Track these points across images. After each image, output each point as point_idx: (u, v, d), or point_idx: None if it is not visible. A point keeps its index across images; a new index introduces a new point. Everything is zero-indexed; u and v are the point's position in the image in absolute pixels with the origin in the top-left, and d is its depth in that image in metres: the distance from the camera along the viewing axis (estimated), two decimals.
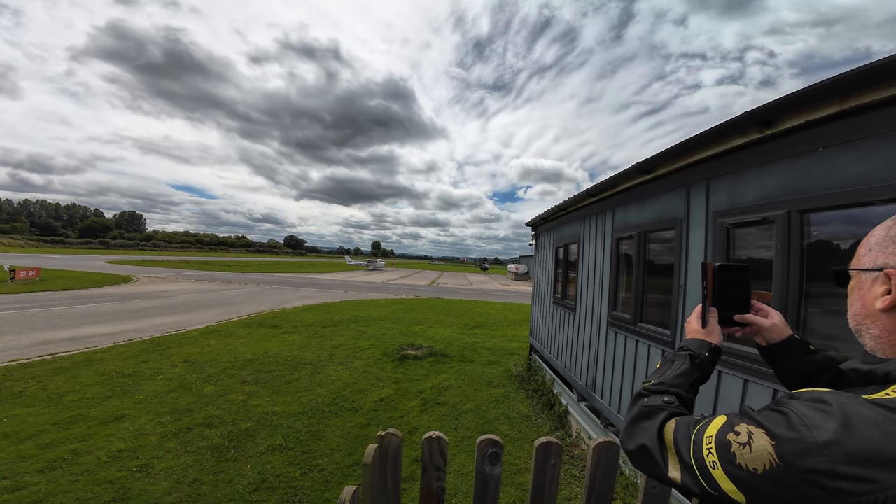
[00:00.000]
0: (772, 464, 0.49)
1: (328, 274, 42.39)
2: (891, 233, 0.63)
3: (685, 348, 0.79)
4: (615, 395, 4.01)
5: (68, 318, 10.73)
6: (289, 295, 20.02)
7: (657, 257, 3.51)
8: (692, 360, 0.76)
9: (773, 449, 0.49)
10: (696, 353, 0.77)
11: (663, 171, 3.15)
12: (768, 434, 0.51)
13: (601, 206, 4.62)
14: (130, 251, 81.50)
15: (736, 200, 2.59)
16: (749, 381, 2.41)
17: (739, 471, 0.52)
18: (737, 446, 0.53)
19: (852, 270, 0.69)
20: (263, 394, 5.90)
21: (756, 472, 0.50)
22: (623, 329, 3.93)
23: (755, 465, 0.50)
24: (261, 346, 8.80)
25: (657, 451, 0.63)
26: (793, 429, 0.49)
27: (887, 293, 0.60)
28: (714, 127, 2.51)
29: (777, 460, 0.49)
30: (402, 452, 1.19)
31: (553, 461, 1.02)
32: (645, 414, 0.69)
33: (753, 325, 0.84)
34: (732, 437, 0.54)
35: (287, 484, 3.65)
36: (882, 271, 0.61)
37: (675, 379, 0.74)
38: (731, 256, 2.63)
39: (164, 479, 3.60)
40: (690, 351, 0.78)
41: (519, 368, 7.77)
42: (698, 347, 0.78)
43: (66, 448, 4.02)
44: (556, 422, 5.32)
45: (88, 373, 6.36)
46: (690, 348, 0.79)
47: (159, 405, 5.27)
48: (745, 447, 0.52)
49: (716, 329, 0.81)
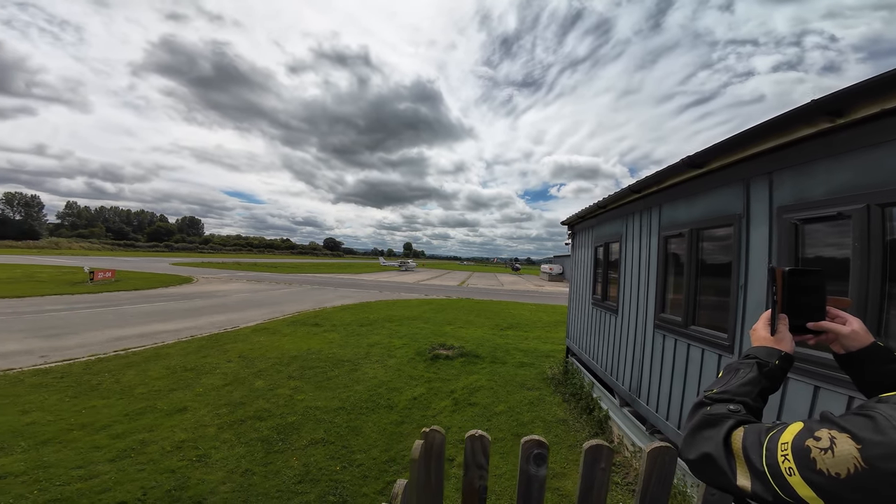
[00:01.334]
0: (856, 468, 0.48)
1: (364, 274, 43.69)
2: None
3: (752, 356, 0.76)
4: (663, 400, 3.79)
5: (139, 316, 11.86)
6: (328, 295, 20.91)
7: (711, 256, 3.28)
8: (760, 368, 0.73)
9: (859, 453, 0.48)
10: (765, 362, 0.73)
11: (717, 165, 2.94)
12: (853, 438, 0.50)
13: (646, 203, 4.39)
14: (190, 253, 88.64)
15: (804, 195, 2.37)
16: (820, 388, 2.19)
17: (819, 476, 0.50)
18: (817, 452, 0.52)
19: None
20: (307, 389, 6.19)
21: (838, 477, 0.49)
22: (672, 332, 3.70)
23: (837, 470, 0.49)
24: (304, 343, 9.26)
25: (723, 459, 0.61)
26: (881, 432, 0.48)
27: None
28: (776, 117, 2.32)
29: (862, 464, 0.48)
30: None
31: (603, 465, 0.98)
32: (708, 422, 0.67)
33: (829, 333, 0.79)
34: (812, 443, 0.53)
35: (328, 477, 3.80)
36: None
37: (742, 387, 0.71)
38: (799, 255, 2.41)
39: (219, 468, 3.83)
40: (758, 359, 0.74)
41: (555, 371, 7.57)
42: (767, 355, 0.74)
43: (134, 438, 4.34)
44: (595, 427, 5.13)
45: (156, 367, 6.94)
46: (758, 356, 0.75)
47: (216, 398, 5.66)
48: (826, 452, 0.51)
49: (787, 337, 0.77)
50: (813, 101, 2.07)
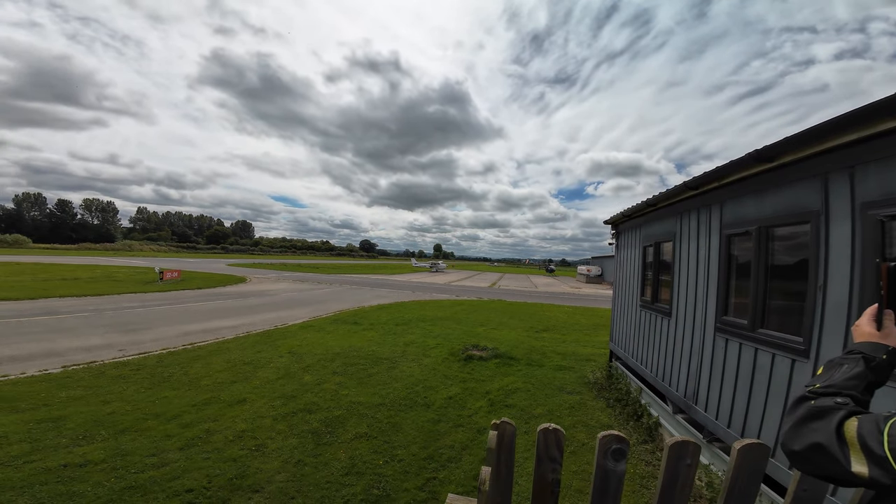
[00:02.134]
0: None
1: (397, 275, 44.56)
2: None
3: (856, 351, 0.76)
4: (724, 407, 3.56)
5: (202, 313, 12.87)
6: (366, 294, 21.60)
7: (783, 255, 3.05)
8: (867, 362, 0.73)
9: None
10: (872, 356, 0.74)
11: (790, 159, 2.73)
12: None
13: (704, 200, 4.15)
14: (243, 255, 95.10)
15: (891, 190, 2.17)
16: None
17: None
18: None
19: None
20: (350, 384, 6.44)
21: None
22: (737, 336, 3.47)
23: None
24: (346, 340, 9.64)
25: (836, 448, 0.63)
26: None
27: None
28: (859, 108, 2.14)
29: None
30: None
31: (689, 461, 0.97)
32: (815, 414, 0.68)
33: None
34: None
35: (372, 471, 3.91)
36: None
37: (848, 381, 0.72)
38: (886, 252, 2.19)
39: (275, 458, 4.03)
40: (864, 354, 0.75)
41: (597, 375, 7.32)
42: (872, 350, 0.75)
43: (201, 427, 4.62)
44: (644, 434, 4.91)
45: (218, 360, 7.46)
46: (864, 351, 0.75)
47: (271, 390, 6.01)
48: None
49: (894, 331, 0.77)
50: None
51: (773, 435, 2.89)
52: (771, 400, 2.98)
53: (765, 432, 3.00)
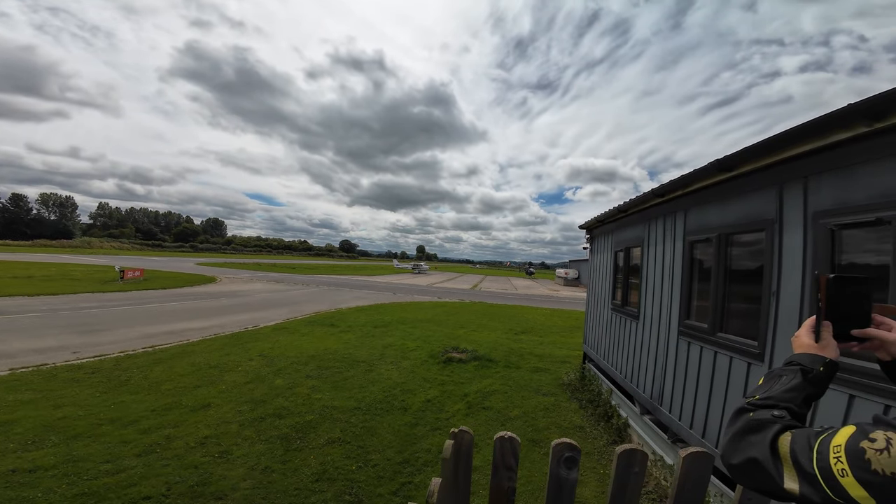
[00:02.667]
0: None
1: (378, 276, 44.11)
2: None
3: (795, 363, 0.76)
4: (686, 408, 3.68)
5: (166, 314, 12.30)
6: (344, 296, 21.22)
7: (741, 262, 3.17)
8: (804, 374, 0.73)
9: None
10: (809, 368, 0.74)
11: (749, 169, 2.85)
12: None
13: (670, 207, 4.29)
14: (214, 254, 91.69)
15: (842, 200, 2.29)
16: (855, 397, 2.11)
17: (874, 476, 0.52)
18: (872, 453, 0.53)
19: None
20: (324, 388, 6.28)
21: (894, 476, 0.51)
22: (698, 339, 3.59)
23: (893, 469, 0.51)
24: (321, 343, 9.42)
25: (770, 463, 0.62)
26: None
27: None
28: (812, 120, 2.25)
29: None
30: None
31: (637, 469, 0.98)
32: (753, 427, 0.68)
33: (875, 340, 0.78)
34: (867, 444, 0.54)
35: (345, 476, 3.83)
36: None
37: (785, 393, 0.71)
38: (835, 261, 2.32)
39: (240, 465, 3.89)
40: (802, 366, 0.75)
41: (571, 377, 7.44)
42: (811, 362, 0.75)
43: (161, 433, 4.43)
44: (613, 434, 5.02)
45: (182, 364, 7.14)
46: (802, 363, 0.75)
47: (238, 395, 5.79)
48: (882, 453, 0.52)
49: (831, 343, 0.77)
50: (850, 104, 2.01)
51: None
52: (729, 402, 3.09)
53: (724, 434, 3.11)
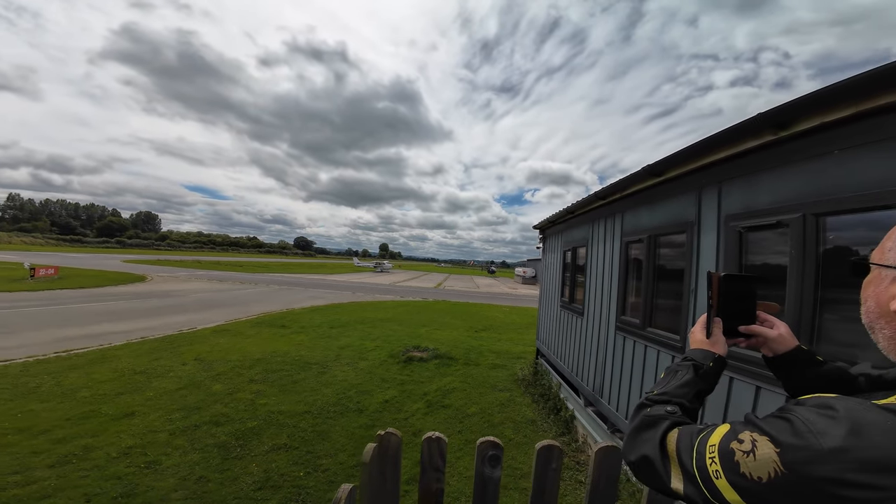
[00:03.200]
0: (777, 472, 0.47)
1: (336, 275, 42.76)
2: None
3: (689, 358, 0.79)
4: (623, 399, 3.94)
5: (85, 316, 11.02)
6: (298, 295, 20.26)
7: (667, 261, 3.45)
8: (696, 370, 0.75)
9: (778, 457, 0.48)
10: (700, 364, 0.76)
11: (674, 174, 3.10)
12: (772, 441, 0.49)
13: (610, 210, 4.56)
14: (146, 251, 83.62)
15: (749, 204, 2.53)
16: (762, 388, 2.35)
17: (743, 480, 0.50)
18: (740, 454, 0.51)
19: (873, 264, 0.64)
20: (270, 393, 5.95)
21: (760, 481, 0.48)
22: (631, 334, 3.86)
23: (759, 474, 0.49)
24: (269, 345, 8.90)
25: (659, 461, 0.61)
26: (798, 436, 0.48)
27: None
28: (726, 129, 2.46)
29: (782, 468, 0.47)
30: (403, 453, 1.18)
31: (554, 465, 1.00)
32: (647, 424, 0.67)
33: (759, 336, 0.83)
34: (736, 446, 0.52)
35: (291, 483, 3.67)
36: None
37: (679, 389, 0.73)
38: (743, 261, 2.57)
39: (171, 475, 3.65)
40: (694, 361, 0.77)
41: (525, 372, 7.69)
42: (702, 358, 0.77)
43: (77, 443, 4.09)
44: (562, 426, 5.25)
45: (102, 369, 6.50)
46: (694, 358, 0.77)
47: (169, 402, 5.36)
48: (748, 455, 0.50)
49: (720, 339, 0.80)
50: (759, 114, 2.20)
51: None
52: None
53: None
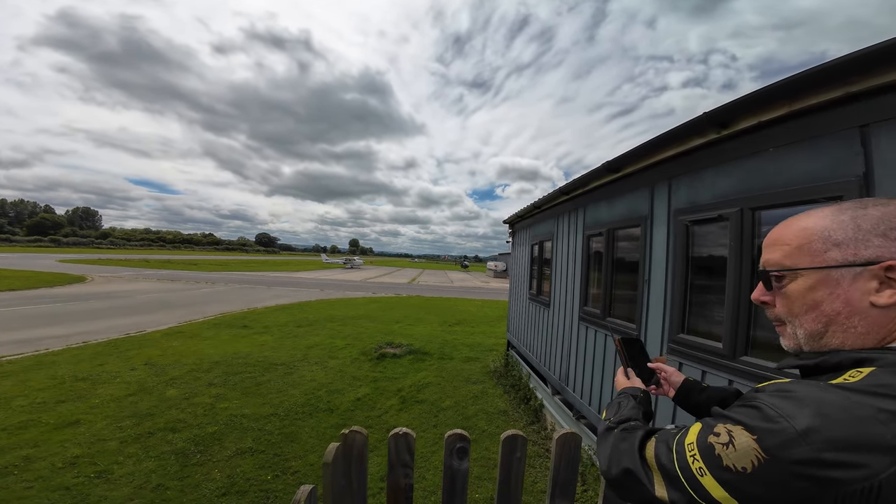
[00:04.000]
0: (759, 459, 0.47)
1: (303, 272, 41.28)
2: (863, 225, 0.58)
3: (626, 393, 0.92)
4: (586, 387, 4.14)
5: (16, 320, 9.96)
6: (260, 294, 19.34)
7: (625, 253, 3.63)
8: (635, 399, 0.88)
9: (757, 443, 0.48)
10: (636, 395, 0.90)
11: (630, 170, 3.26)
12: (747, 429, 0.49)
13: (574, 204, 4.74)
14: (85, 249, 76.36)
15: (695, 199, 2.70)
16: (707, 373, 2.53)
17: (728, 473, 0.49)
18: (720, 447, 0.51)
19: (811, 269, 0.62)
20: (232, 396, 5.68)
21: (745, 472, 0.48)
22: (593, 323, 4.05)
23: (743, 464, 0.48)
24: (229, 347, 8.46)
25: (641, 471, 0.61)
26: (770, 420, 0.48)
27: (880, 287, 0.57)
28: (675, 128, 2.61)
29: (763, 455, 0.47)
30: (377, 451, 1.17)
31: (519, 454, 1.03)
32: (622, 437, 0.70)
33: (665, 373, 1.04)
34: (714, 440, 0.52)
35: (258, 487, 3.55)
36: (876, 265, 0.56)
37: (631, 412, 0.82)
38: (690, 253, 2.75)
39: (124, 484, 3.45)
40: (631, 394, 0.91)
41: (497, 364, 7.85)
42: (633, 392, 0.92)
43: (16, 454, 3.80)
44: (531, 416, 5.43)
45: (39, 376, 5.96)
46: (630, 393, 0.92)
47: (117, 409, 5.00)
48: (728, 447, 0.50)
49: (637, 380, 1.00)
50: (704, 113, 2.35)
51: None
52: None
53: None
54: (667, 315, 2.87)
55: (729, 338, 2.33)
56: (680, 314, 2.73)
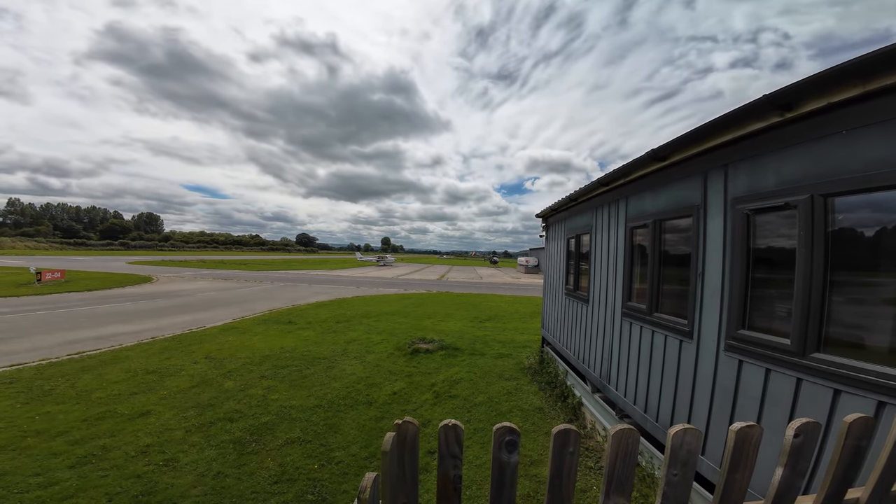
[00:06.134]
0: None
1: (340, 270, 42.90)
2: None
3: None
4: (630, 385, 3.97)
5: (93, 318, 11.15)
6: (302, 292, 20.39)
7: (673, 246, 3.44)
8: None
9: None
10: None
11: (678, 158, 3.08)
12: None
13: (614, 196, 4.54)
14: (149, 251, 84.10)
15: (756, 186, 2.52)
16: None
17: None
18: None
19: None
20: (281, 388, 6.04)
21: None
22: (638, 319, 3.87)
23: None
24: (277, 341, 9.00)
25: None
26: None
27: None
28: (731, 112, 2.44)
29: None
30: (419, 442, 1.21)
31: (571, 448, 1.02)
32: None
33: None
34: None
35: (306, 476, 3.76)
36: None
37: None
38: (750, 244, 2.56)
39: (189, 472, 3.73)
40: None
41: (531, 361, 7.76)
42: None
43: (95, 444, 4.16)
44: (569, 413, 5.31)
45: (114, 370, 6.60)
46: None
47: (183, 400, 5.45)
48: None
49: None
50: (764, 95, 2.19)
51: (669, 410, 3.28)
52: (666, 378, 3.38)
53: (662, 407, 3.40)
54: (724, 310, 2.69)
55: (798, 333, 2.15)
56: (740, 309, 2.54)
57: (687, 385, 3.04)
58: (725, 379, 2.67)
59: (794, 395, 2.19)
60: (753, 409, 2.43)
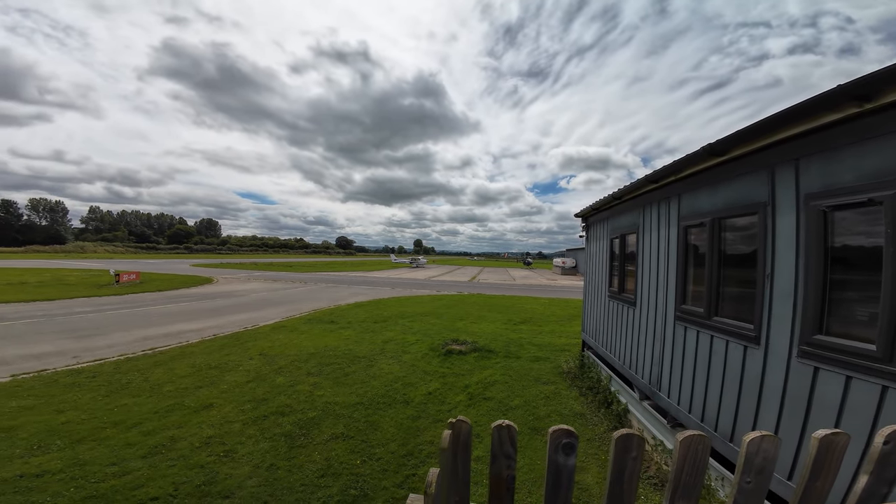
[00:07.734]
0: None
1: (376, 272, 44.07)
2: None
3: None
4: (685, 393, 3.73)
5: (163, 316, 12.28)
6: (342, 292, 21.22)
7: (734, 246, 3.19)
8: None
9: None
10: None
11: (739, 153, 2.85)
12: None
13: (664, 193, 4.29)
14: (209, 255, 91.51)
15: (832, 181, 2.30)
16: (852, 378, 2.13)
17: None
18: None
19: None
20: (326, 385, 6.32)
21: None
22: (694, 324, 3.62)
23: None
24: (321, 340, 9.44)
25: None
26: None
27: None
28: (801, 103, 2.25)
29: None
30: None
31: (634, 454, 0.99)
32: None
33: None
34: None
35: (349, 471, 3.88)
36: None
37: None
38: (828, 243, 2.33)
39: (245, 463, 3.95)
40: None
41: (570, 365, 7.51)
42: None
43: (165, 435, 4.48)
44: (613, 420, 5.09)
45: (182, 365, 7.18)
46: None
47: (240, 394, 5.83)
48: None
49: None
50: (839, 86, 2.01)
51: (730, 419, 3.05)
52: (727, 385, 3.13)
53: (722, 417, 3.16)
54: (797, 314, 2.45)
55: (885, 339, 1.95)
56: (816, 313, 2.31)
57: (752, 393, 2.81)
58: (797, 387, 2.43)
59: (878, 404, 2.01)
60: (829, 418, 2.23)
